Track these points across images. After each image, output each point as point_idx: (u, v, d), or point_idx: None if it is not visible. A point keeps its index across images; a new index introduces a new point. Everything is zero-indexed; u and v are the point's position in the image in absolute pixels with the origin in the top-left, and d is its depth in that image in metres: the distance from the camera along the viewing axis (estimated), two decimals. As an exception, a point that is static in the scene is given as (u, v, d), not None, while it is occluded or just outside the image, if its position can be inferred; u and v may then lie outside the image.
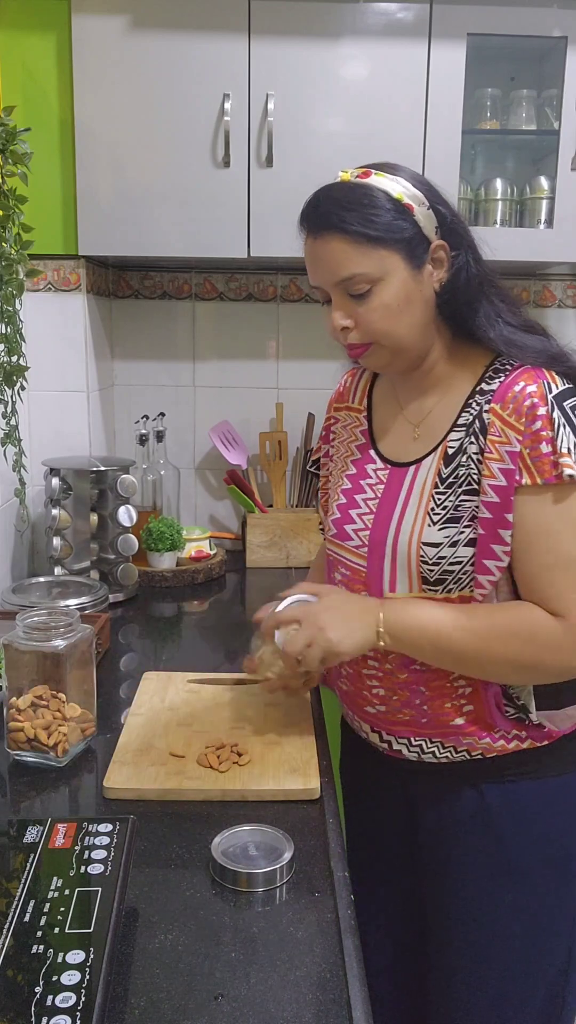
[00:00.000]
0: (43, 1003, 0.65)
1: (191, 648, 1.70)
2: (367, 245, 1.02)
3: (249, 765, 1.12)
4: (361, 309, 1.05)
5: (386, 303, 1.04)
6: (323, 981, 0.78)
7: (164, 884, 0.91)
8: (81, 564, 1.85)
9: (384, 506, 1.12)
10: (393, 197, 1.03)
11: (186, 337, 2.27)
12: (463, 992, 1.16)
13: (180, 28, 1.77)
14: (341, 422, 1.26)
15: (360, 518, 1.14)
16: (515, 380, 1.03)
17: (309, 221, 1.06)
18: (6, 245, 1.54)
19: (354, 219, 1.01)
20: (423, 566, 1.06)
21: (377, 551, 1.11)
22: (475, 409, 1.06)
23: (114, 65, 1.78)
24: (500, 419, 1.02)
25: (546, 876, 1.12)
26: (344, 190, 1.04)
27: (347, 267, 1.03)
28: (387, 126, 1.81)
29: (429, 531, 1.06)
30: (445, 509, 1.05)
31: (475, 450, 1.04)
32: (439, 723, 1.10)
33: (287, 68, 1.79)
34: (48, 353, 1.94)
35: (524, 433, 1.00)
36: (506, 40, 1.84)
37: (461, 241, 1.07)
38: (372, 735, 1.19)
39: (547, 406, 1.00)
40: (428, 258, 1.05)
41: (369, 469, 1.16)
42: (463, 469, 1.05)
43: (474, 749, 1.10)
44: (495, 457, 1.02)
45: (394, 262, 1.03)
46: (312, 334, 2.26)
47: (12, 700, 1.15)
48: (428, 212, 1.05)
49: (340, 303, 1.07)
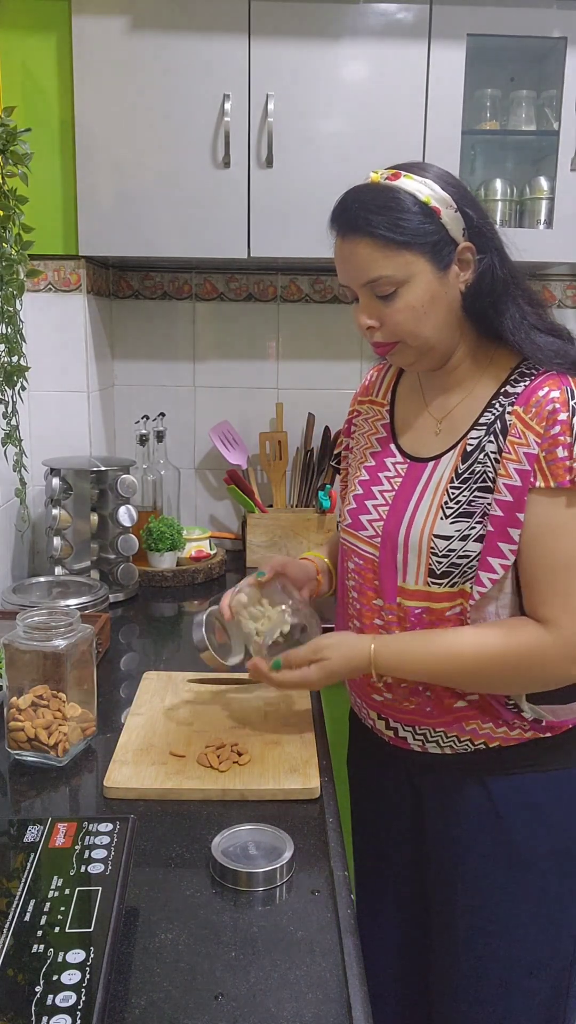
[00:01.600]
0: (43, 1002, 0.65)
1: (191, 648, 1.69)
2: (393, 248, 1.04)
3: (249, 765, 1.12)
4: (387, 310, 1.07)
5: (411, 304, 1.06)
6: (323, 981, 0.78)
7: (164, 884, 0.91)
8: (81, 564, 1.85)
9: (400, 498, 1.14)
10: (420, 200, 1.04)
11: (186, 337, 2.27)
12: (467, 985, 1.16)
13: (180, 29, 1.77)
14: (363, 415, 1.28)
15: (375, 509, 1.16)
16: (540, 385, 1.04)
17: (338, 222, 1.08)
18: (6, 245, 1.54)
19: (381, 223, 1.03)
20: (432, 558, 1.08)
21: (390, 541, 1.13)
22: (498, 410, 1.07)
23: (114, 65, 1.79)
24: (522, 421, 1.03)
25: (551, 869, 1.13)
26: (373, 192, 1.06)
27: (374, 269, 1.05)
28: (387, 126, 1.81)
29: (441, 524, 1.08)
30: (459, 504, 1.07)
31: (493, 449, 1.06)
32: (443, 709, 1.11)
33: (287, 68, 1.79)
34: (48, 353, 1.94)
35: (543, 436, 1.01)
36: (506, 40, 1.84)
37: (488, 243, 1.07)
38: (379, 722, 1.20)
39: (568, 412, 1.01)
40: (455, 260, 1.06)
41: (388, 462, 1.18)
42: (479, 466, 1.07)
43: (477, 738, 1.11)
44: (512, 458, 1.03)
45: (420, 265, 1.05)
46: (312, 334, 2.26)
47: (12, 700, 1.15)
48: (455, 215, 1.06)
49: (367, 303, 1.09)
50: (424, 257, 1.04)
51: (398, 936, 1.31)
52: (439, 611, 1.09)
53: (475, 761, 1.12)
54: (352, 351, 2.27)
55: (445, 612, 1.08)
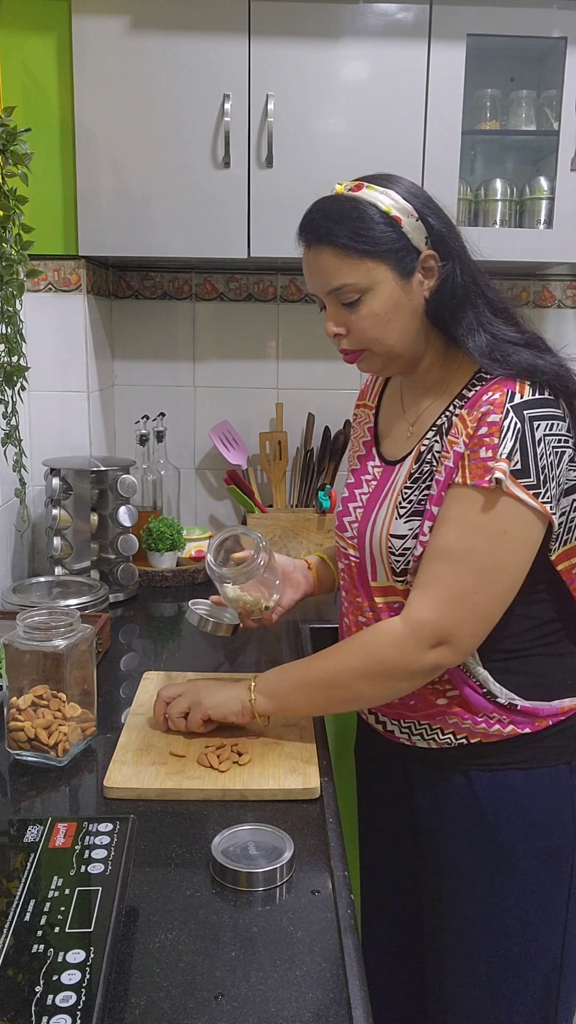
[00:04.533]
0: (43, 1002, 0.65)
1: (191, 648, 1.70)
2: (356, 257, 1.07)
3: (249, 765, 1.12)
4: (352, 317, 1.10)
5: (375, 312, 1.09)
6: (323, 981, 0.78)
7: (164, 884, 0.91)
8: (81, 564, 1.85)
9: (371, 500, 1.19)
10: (381, 210, 1.07)
11: (186, 337, 2.27)
12: (456, 983, 1.17)
13: (180, 29, 1.77)
14: (358, 419, 1.33)
15: (354, 511, 1.22)
16: (487, 389, 1.06)
17: (304, 233, 1.12)
18: (6, 245, 1.54)
19: (343, 232, 1.06)
20: (391, 557, 1.12)
21: (362, 542, 1.18)
22: (450, 413, 1.11)
23: (114, 65, 1.78)
24: (463, 422, 1.06)
25: (536, 868, 1.13)
26: (335, 203, 1.09)
27: (337, 277, 1.08)
28: (387, 127, 1.81)
29: (396, 524, 1.12)
30: (411, 503, 1.12)
31: (438, 449, 1.10)
32: (426, 703, 1.14)
33: (287, 68, 1.79)
34: (48, 353, 1.94)
35: (472, 436, 1.04)
36: (506, 40, 1.84)
37: (450, 251, 1.10)
38: (369, 716, 1.24)
39: (500, 414, 1.02)
40: (418, 267, 1.09)
41: (369, 466, 1.23)
42: (427, 466, 1.11)
43: (459, 732, 1.13)
44: (447, 455, 1.07)
45: (382, 272, 1.08)
46: (312, 334, 2.26)
47: (12, 700, 1.15)
48: (417, 223, 1.08)
49: (333, 311, 1.12)
50: (386, 265, 1.07)
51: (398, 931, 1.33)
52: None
53: (459, 756, 1.14)
54: (352, 351, 2.27)
55: None
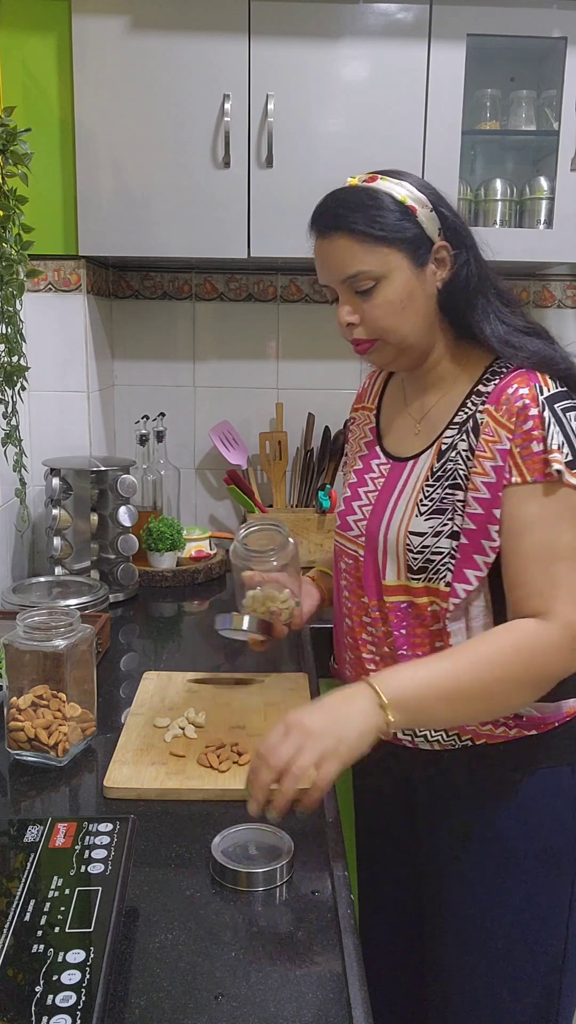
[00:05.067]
0: (43, 1002, 0.65)
1: (191, 648, 1.70)
2: (372, 243, 1.07)
3: (249, 765, 1.12)
4: (366, 306, 1.10)
5: (389, 299, 1.09)
6: (323, 981, 0.78)
7: (164, 884, 0.91)
8: (81, 564, 1.85)
9: (381, 498, 1.17)
10: (397, 199, 1.08)
11: (186, 337, 2.27)
12: (456, 984, 1.16)
13: (180, 29, 1.77)
14: (357, 422, 1.32)
15: (360, 509, 1.19)
16: (509, 383, 1.06)
17: (318, 223, 1.12)
18: (6, 245, 1.54)
19: (359, 219, 1.07)
20: (408, 554, 1.10)
21: (372, 540, 1.16)
22: (470, 409, 1.10)
23: (114, 65, 1.78)
24: (493, 419, 1.05)
25: (539, 869, 1.13)
26: (350, 193, 1.10)
27: (353, 264, 1.08)
28: (387, 126, 1.81)
29: (416, 521, 1.10)
30: (432, 501, 1.10)
31: (465, 447, 1.08)
32: None
33: (287, 68, 1.79)
34: (48, 353, 1.94)
35: (515, 432, 1.03)
36: (506, 40, 1.84)
37: (462, 242, 1.11)
38: None
39: (538, 407, 1.03)
40: (431, 258, 1.10)
41: (373, 464, 1.22)
42: (451, 464, 1.09)
43: (464, 734, 1.12)
44: (487, 455, 1.05)
45: (397, 260, 1.08)
46: (312, 334, 2.26)
47: (12, 700, 1.15)
48: (431, 214, 1.09)
49: (346, 300, 1.12)
50: (402, 253, 1.07)
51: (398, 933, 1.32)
52: (421, 606, 1.10)
53: (463, 757, 1.13)
54: (352, 351, 2.26)
55: (426, 608, 1.10)
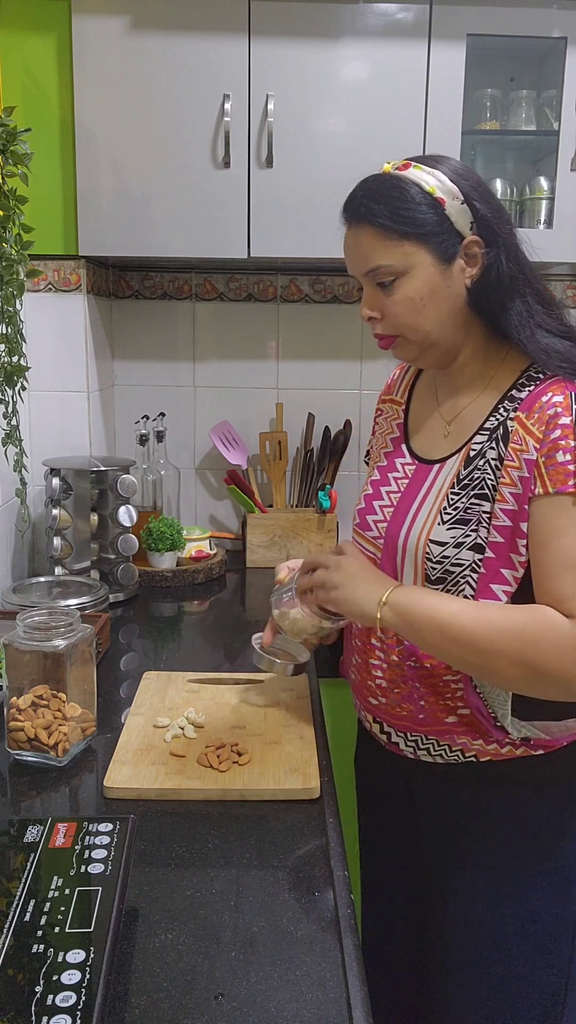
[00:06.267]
0: (43, 1002, 0.65)
1: (191, 648, 1.70)
2: (394, 238, 1.03)
3: (249, 765, 1.12)
4: (387, 301, 1.07)
5: (409, 296, 1.05)
6: (323, 981, 0.78)
7: (164, 884, 0.91)
8: (81, 564, 1.85)
9: (404, 500, 1.13)
10: (425, 190, 1.03)
11: (186, 337, 2.27)
12: (459, 999, 1.15)
13: (180, 29, 1.77)
14: (384, 414, 1.27)
15: (381, 510, 1.16)
16: (544, 390, 1.02)
17: (346, 212, 1.08)
18: (6, 245, 1.54)
19: (382, 211, 1.03)
20: (427, 563, 1.06)
21: (391, 544, 1.12)
22: (502, 415, 1.05)
23: (114, 65, 1.78)
24: (523, 427, 1.01)
25: (544, 885, 1.10)
26: (379, 182, 1.06)
27: (373, 258, 1.05)
28: (387, 126, 1.81)
29: (438, 529, 1.06)
30: (456, 510, 1.06)
31: (494, 456, 1.04)
32: (434, 719, 1.10)
33: (287, 68, 1.79)
34: (48, 353, 1.94)
35: (543, 441, 0.99)
36: (506, 40, 1.84)
37: (496, 238, 1.05)
38: (374, 725, 1.19)
39: (571, 416, 0.98)
40: (460, 253, 1.05)
41: (398, 463, 1.18)
42: (479, 473, 1.05)
43: (468, 751, 1.09)
44: (515, 464, 1.01)
45: (420, 256, 1.04)
46: (312, 334, 2.26)
47: (12, 700, 1.15)
48: (462, 207, 1.04)
49: (369, 293, 1.08)
50: (425, 248, 1.03)
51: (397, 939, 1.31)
52: None
53: (466, 773, 1.10)
54: (352, 351, 2.27)
55: None
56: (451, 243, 1.04)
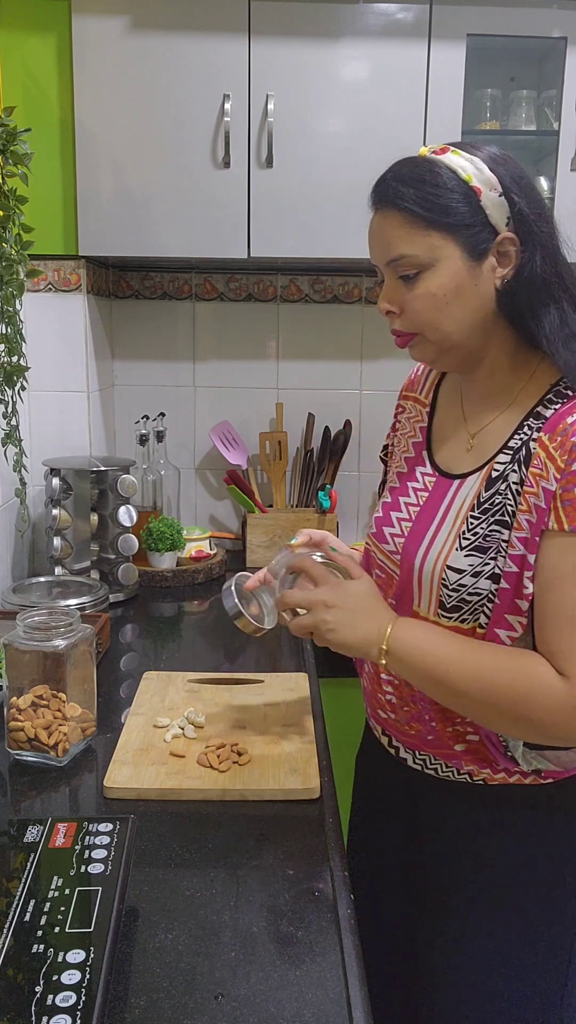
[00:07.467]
0: (43, 1002, 0.65)
1: (191, 648, 1.70)
2: (421, 226, 0.95)
3: (249, 765, 1.12)
4: (408, 295, 0.98)
5: (432, 291, 0.96)
6: (323, 981, 0.78)
7: (164, 884, 0.91)
8: (81, 564, 1.85)
9: (422, 518, 1.07)
10: (461, 178, 0.94)
11: (186, 337, 2.27)
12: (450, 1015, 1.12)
13: (180, 29, 1.77)
14: (406, 412, 1.20)
15: (399, 523, 1.09)
16: (571, 410, 0.93)
17: (373, 195, 1.00)
18: (6, 245, 1.54)
19: (411, 196, 0.94)
20: (443, 589, 1.00)
21: (407, 564, 1.06)
22: (525, 434, 0.97)
23: (114, 65, 1.79)
24: (545, 451, 0.93)
25: (541, 913, 1.07)
26: (412, 165, 0.97)
27: (396, 247, 0.97)
28: (387, 126, 1.81)
29: (456, 555, 1.00)
30: (476, 535, 0.99)
31: (516, 480, 0.97)
32: (442, 744, 1.07)
33: (287, 68, 1.79)
34: (48, 353, 1.94)
35: (564, 472, 0.91)
36: (506, 40, 1.84)
37: (532, 236, 0.96)
38: (383, 737, 1.17)
39: None
40: (492, 250, 0.96)
41: (418, 472, 1.11)
42: (500, 497, 0.98)
43: (476, 776, 1.06)
44: (533, 491, 0.94)
45: (448, 249, 0.95)
46: (312, 334, 2.26)
47: (12, 700, 1.15)
48: (500, 200, 0.95)
49: (389, 285, 1.01)
50: (454, 241, 0.95)
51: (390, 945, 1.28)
52: None
53: (470, 791, 1.07)
54: (352, 351, 2.27)
55: None
56: (483, 238, 0.95)
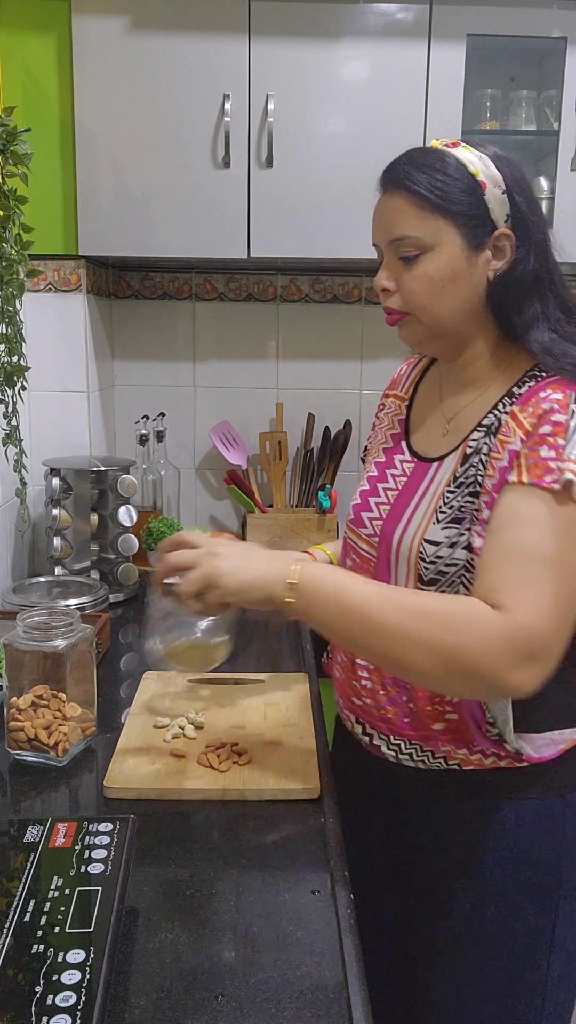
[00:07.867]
0: (43, 1002, 0.65)
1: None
2: (428, 210, 1.00)
3: (249, 765, 1.12)
4: (406, 275, 1.03)
5: (430, 274, 1.02)
6: (323, 981, 0.78)
7: (164, 884, 0.91)
8: (81, 564, 1.85)
9: (401, 499, 1.10)
10: (469, 171, 1.00)
11: (186, 337, 2.27)
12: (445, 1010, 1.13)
13: (180, 29, 1.77)
14: (386, 409, 1.24)
15: (377, 507, 1.13)
16: (544, 387, 0.98)
17: (383, 177, 1.05)
18: (6, 245, 1.54)
19: (421, 180, 1.00)
20: (421, 563, 1.03)
21: (385, 543, 1.09)
22: (499, 411, 1.02)
23: (114, 65, 1.79)
24: (515, 420, 0.98)
25: (522, 903, 1.07)
26: (424, 153, 1.03)
27: (402, 227, 1.02)
28: (387, 126, 1.81)
29: (433, 529, 1.03)
30: (452, 509, 1.02)
31: (486, 451, 1.01)
32: (420, 725, 1.07)
33: (287, 68, 1.79)
34: (48, 353, 1.94)
35: (531, 434, 0.95)
36: (506, 40, 1.84)
37: (528, 235, 1.02)
38: (356, 726, 1.16)
39: (566, 415, 0.94)
40: (489, 243, 1.02)
41: (397, 460, 1.15)
42: (473, 470, 1.02)
43: (451, 759, 1.06)
44: (498, 455, 0.98)
45: (450, 235, 1.00)
46: (312, 334, 2.26)
47: (12, 700, 1.15)
48: (502, 196, 1.01)
49: (389, 263, 1.05)
50: (456, 228, 1.00)
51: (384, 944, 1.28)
52: None
53: (449, 781, 1.07)
54: (352, 351, 2.27)
55: None
56: (483, 231, 1.01)
